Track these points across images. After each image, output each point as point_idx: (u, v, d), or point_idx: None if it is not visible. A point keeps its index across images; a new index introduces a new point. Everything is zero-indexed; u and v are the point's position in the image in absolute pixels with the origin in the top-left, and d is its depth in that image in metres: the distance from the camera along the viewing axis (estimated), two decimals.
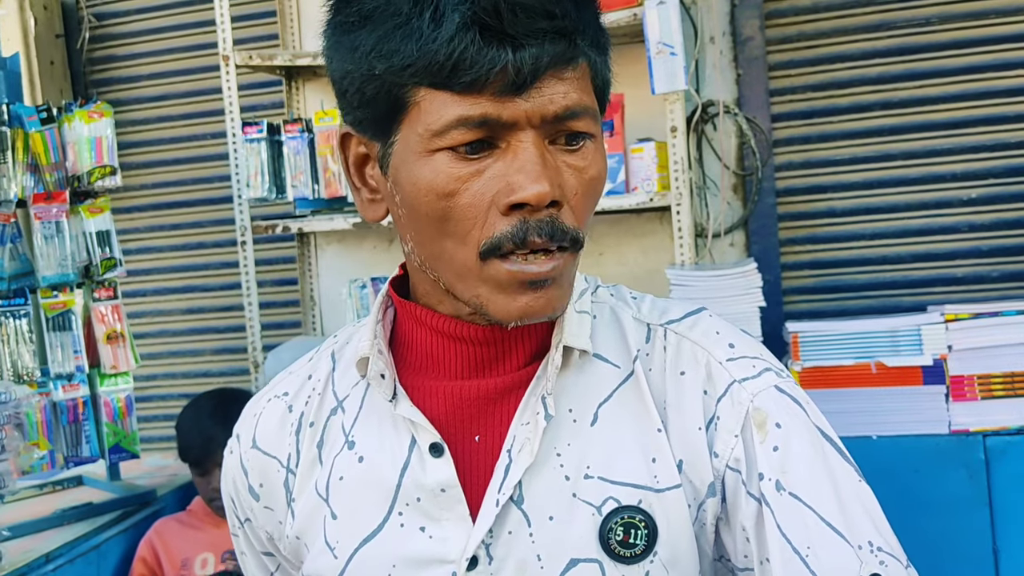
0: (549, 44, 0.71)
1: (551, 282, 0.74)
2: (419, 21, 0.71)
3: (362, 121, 0.79)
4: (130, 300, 3.30)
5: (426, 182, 0.74)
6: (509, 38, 0.70)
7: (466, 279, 0.75)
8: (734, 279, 2.25)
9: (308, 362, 0.94)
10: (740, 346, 0.83)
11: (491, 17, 0.69)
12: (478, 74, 0.70)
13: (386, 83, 0.74)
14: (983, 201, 2.67)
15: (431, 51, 0.70)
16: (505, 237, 0.72)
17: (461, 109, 0.71)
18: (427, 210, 0.75)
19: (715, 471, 0.79)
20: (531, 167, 0.72)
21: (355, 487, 0.83)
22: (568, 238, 0.74)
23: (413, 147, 0.74)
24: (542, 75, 0.71)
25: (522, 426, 0.79)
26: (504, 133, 0.73)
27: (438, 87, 0.72)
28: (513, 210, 0.72)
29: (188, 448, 2.21)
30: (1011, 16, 2.62)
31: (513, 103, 0.71)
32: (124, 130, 3.30)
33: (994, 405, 2.07)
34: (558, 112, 0.73)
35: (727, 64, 2.79)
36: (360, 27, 0.74)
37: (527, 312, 0.75)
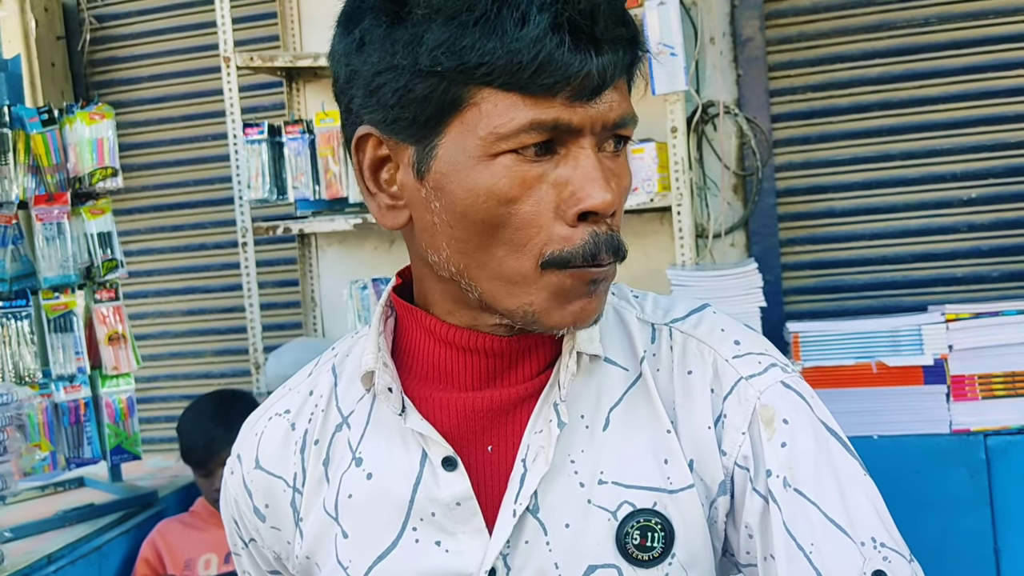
0: (624, 51, 0.71)
1: (601, 286, 0.75)
2: (500, 18, 0.68)
3: (396, 121, 0.74)
4: (131, 301, 3.30)
5: (486, 187, 0.71)
6: (595, 43, 0.69)
7: (518, 287, 0.73)
8: (735, 279, 2.25)
9: (308, 377, 0.91)
10: (746, 342, 0.83)
11: (585, 20, 0.68)
12: (562, 77, 0.68)
13: (445, 80, 0.70)
14: (983, 201, 2.67)
15: (515, 50, 0.67)
16: (576, 254, 0.71)
17: (534, 112, 0.69)
18: (483, 216, 0.72)
19: (725, 469, 0.79)
20: (597, 174, 0.71)
21: (365, 504, 0.81)
22: (623, 252, 0.74)
23: (469, 150, 0.71)
24: (613, 83, 0.71)
25: (535, 434, 0.78)
26: (567, 139, 0.71)
27: (509, 88, 0.69)
28: (581, 220, 0.72)
29: (190, 450, 2.21)
30: (1011, 16, 2.63)
31: (583, 108, 0.70)
32: (125, 132, 3.30)
33: (995, 405, 2.07)
34: (616, 120, 0.72)
35: (727, 65, 2.79)
36: (425, 21, 0.70)
37: (579, 318, 0.74)
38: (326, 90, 2.95)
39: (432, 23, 0.70)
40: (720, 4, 2.78)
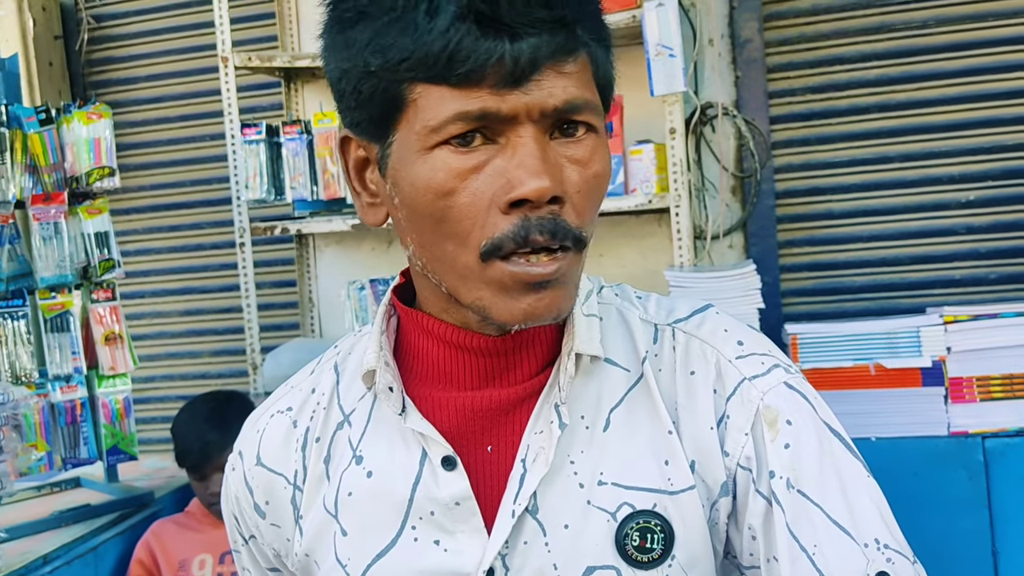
0: (548, 34, 0.69)
1: (555, 283, 0.72)
2: (414, 14, 0.69)
3: (360, 123, 0.77)
4: (128, 302, 3.29)
5: (424, 181, 0.72)
6: (506, 28, 0.68)
7: (468, 282, 0.74)
8: (733, 281, 2.25)
9: (310, 375, 0.91)
10: (749, 343, 0.82)
11: (488, 8, 0.68)
12: (474, 65, 0.68)
13: (382, 80, 0.72)
14: (981, 203, 2.67)
15: (426, 43, 0.69)
16: (506, 237, 0.70)
17: (459, 104, 0.70)
18: (426, 210, 0.73)
19: (727, 470, 0.78)
20: (531, 162, 0.70)
21: (365, 502, 0.81)
22: (571, 237, 0.72)
23: (411, 146, 0.73)
24: (542, 67, 0.70)
25: (536, 435, 0.78)
26: (503, 128, 0.71)
27: (434, 81, 0.70)
28: (514, 208, 0.70)
29: (185, 453, 2.20)
30: (1009, 19, 2.63)
31: (512, 96, 0.70)
32: (123, 131, 3.30)
33: (993, 407, 2.07)
34: (558, 105, 0.71)
35: (726, 66, 2.79)
36: (355, 23, 0.73)
37: (530, 315, 0.73)
38: (324, 90, 2.95)
39: (358, 25, 0.72)
40: (719, 6, 2.78)
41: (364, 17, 0.72)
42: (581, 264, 0.76)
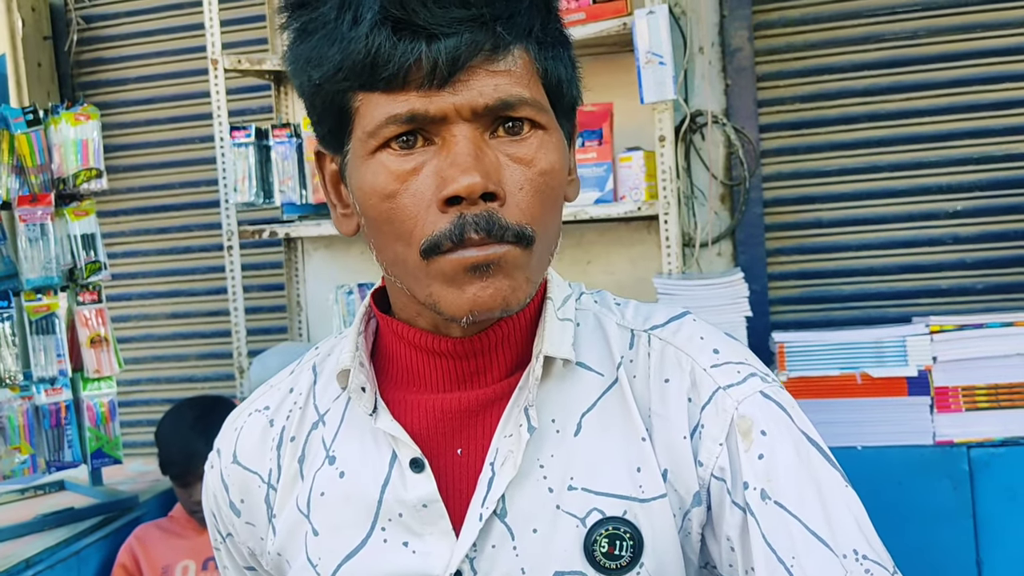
0: (468, 33, 0.70)
1: (495, 268, 0.73)
2: (341, 25, 0.72)
3: (324, 136, 0.80)
4: (115, 304, 3.28)
5: (369, 185, 0.74)
6: (423, 30, 0.70)
7: (418, 280, 0.75)
8: (721, 289, 2.25)
9: (289, 375, 0.92)
10: (725, 351, 0.82)
11: (400, 11, 0.70)
12: (396, 69, 0.70)
13: (328, 92, 0.75)
14: (969, 214, 2.68)
15: (352, 51, 0.71)
16: (443, 235, 0.72)
17: (389, 107, 0.72)
18: (374, 214, 0.75)
19: (700, 480, 0.78)
20: (462, 159, 0.71)
21: (336, 503, 0.82)
22: (510, 233, 0.72)
23: (358, 152, 0.75)
24: (467, 67, 0.71)
25: (505, 438, 0.78)
26: (437, 129, 0.73)
27: (367, 88, 0.73)
28: (450, 206, 0.72)
29: (169, 462, 2.18)
30: (998, 30, 2.64)
31: (440, 96, 0.71)
32: (111, 133, 3.29)
33: (978, 416, 2.08)
34: (489, 104, 0.72)
35: (716, 74, 2.80)
36: (301, 41, 0.76)
37: (476, 303, 0.73)
38: None
39: (304, 42, 0.75)
40: (709, 14, 2.79)
41: (305, 34, 0.75)
42: (532, 260, 0.75)
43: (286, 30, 0.78)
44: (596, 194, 2.48)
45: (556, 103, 0.78)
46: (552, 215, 0.77)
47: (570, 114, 0.82)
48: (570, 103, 0.81)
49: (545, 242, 0.77)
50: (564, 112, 0.80)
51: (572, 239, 2.81)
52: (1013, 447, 2.05)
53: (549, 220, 0.77)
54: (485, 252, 0.72)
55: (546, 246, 0.78)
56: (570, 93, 0.80)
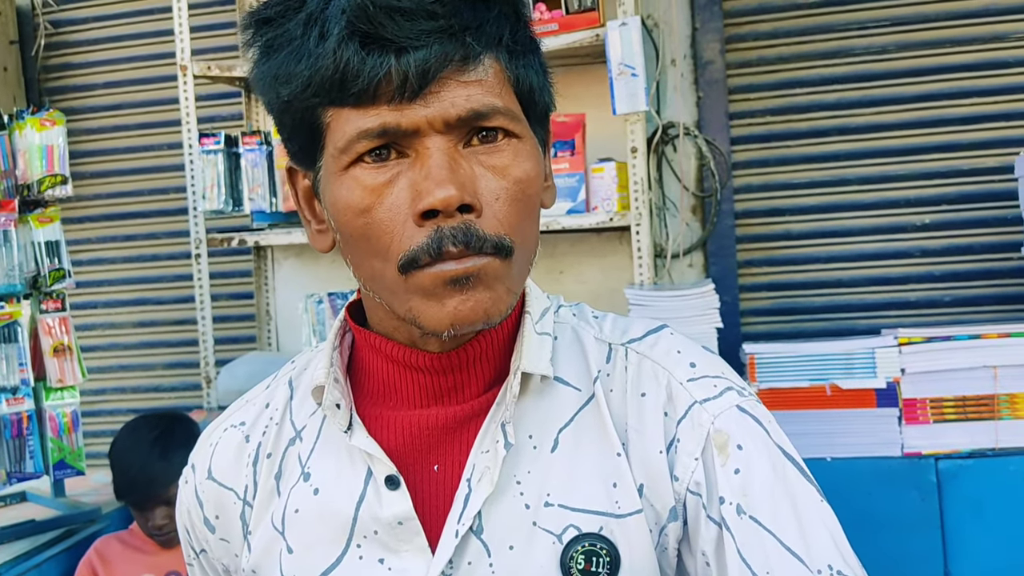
0: (437, 45, 0.70)
1: (475, 281, 0.72)
2: (308, 40, 0.71)
3: (295, 153, 0.79)
4: (80, 312, 3.23)
5: (344, 200, 0.73)
6: (391, 43, 0.69)
7: (397, 295, 0.74)
8: (692, 300, 2.26)
9: (265, 390, 0.91)
10: (701, 365, 0.81)
11: (367, 25, 0.69)
12: (366, 83, 0.69)
13: (297, 109, 0.74)
14: (936, 227, 2.71)
15: (320, 67, 0.70)
16: (421, 250, 0.71)
17: (361, 122, 0.71)
18: (350, 229, 0.74)
19: (676, 495, 0.77)
20: (437, 172, 0.70)
21: (311, 520, 0.81)
22: (488, 244, 0.72)
23: (331, 168, 0.74)
24: (437, 78, 0.70)
25: (482, 454, 0.78)
26: (411, 142, 0.72)
27: (337, 103, 0.72)
28: (426, 219, 0.71)
29: (126, 488, 2.05)
30: (965, 45, 2.68)
31: (411, 109, 0.70)
32: (78, 139, 3.25)
33: (946, 428, 2.09)
34: (461, 115, 0.71)
35: (688, 86, 2.81)
36: (267, 58, 0.75)
37: (457, 317, 0.72)
38: None
39: (270, 59, 0.74)
40: (682, 26, 2.80)
41: (271, 51, 0.74)
42: (513, 271, 0.75)
43: (251, 47, 0.77)
44: (568, 204, 2.48)
45: (529, 110, 0.78)
46: (530, 223, 0.76)
47: (543, 121, 0.81)
48: (543, 110, 0.80)
49: (524, 251, 0.76)
50: (537, 119, 0.79)
51: (545, 249, 2.81)
52: (980, 459, 2.07)
53: (527, 229, 0.76)
54: (464, 265, 0.71)
55: (525, 255, 0.77)
56: (543, 100, 0.79)
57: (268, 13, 0.76)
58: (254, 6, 0.78)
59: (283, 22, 0.74)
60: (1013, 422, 2.07)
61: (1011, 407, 2.07)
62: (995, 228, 2.66)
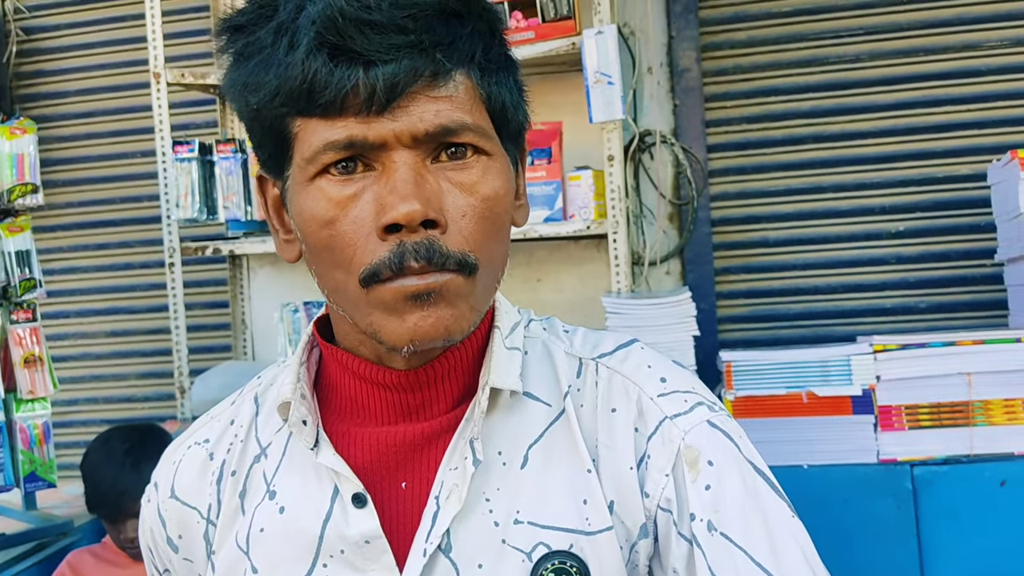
0: (407, 60, 0.69)
1: (436, 297, 0.71)
2: (277, 50, 0.70)
3: (264, 161, 0.78)
4: (52, 322, 3.20)
5: (309, 211, 0.73)
6: (360, 56, 0.69)
7: (359, 308, 0.73)
8: (669, 308, 2.25)
9: (230, 406, 0.89)
10: (672, 380, 0.81)
11: (336, 37, 0.68)
12: (333, 95, 0.69)
13: (266, 118, 0.73)
14: (911, 234, 2.73)
15: (288, 77, 0.70)
16: (383, 264, 0.70)
17: (328, 133, 0.71)
18: (314, 241, 0.73)
19: (647, 511, 0.76)
20: (402, 186, 0.70)
21: (276, 539, 0.79)
22: (451, 261, 0.71)
23: (298, 178, 0.74)
24: (406, 93, 0.70)
25: (450, 471, 0.76)
26: (377, 155, 0.71)
27: (305, 114, 0.71)
28: (390, 233, 0.70)
29: (98, 501, 2.04)
30: (938, 54, 2.70)
31: (379, 123, 0.70)
32: (51, 147, 3.21)
33: (921, 435, 2.10)
34: (429, 130, 0.71)
35: (664, 94, 2.82)
36: (237, 66, 0.75)
37: (417, 334, 0.71)
38: None
39: (240, 67, 0.74)
40: (658, 35, 2.81)
41: (242, 58, 0.74)
42: (477, 288, 0.74)
43: (224, 54, 0.76)
44: (545, 212, 2.48)
45: (501, 128, 0.77)
46: (496, 242, 0.75)
47: (517, 139, 0.80)
48: (516, 128, 0.79)
49: (490, 269, 0.75)
50: (510, 136, 0.79)
51: (522, 257, 2.80)
52: (955, 465, 2.07)
53: (493, 247, 0.75)
54: (426, 281, 0.70)
55: (491, 273, 0.76)
56: (516, 118, 0.79)
57: (240, 20, 0.75)
58: (228, 13, 0.78)
59: (254, 30, 0.74)
60: (987, 428, 2.08)
61: (985, 413, 2.08)
62: (969, 235, 2.68)
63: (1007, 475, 2.04)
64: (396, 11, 0.69)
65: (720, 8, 2.82)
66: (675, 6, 2.80)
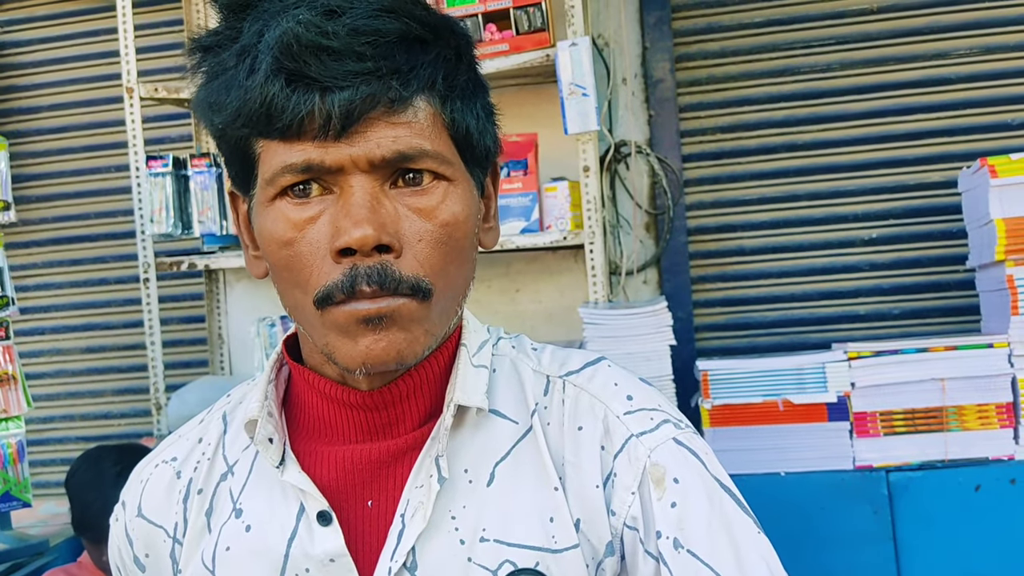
0: (364, 86, 0.70)
1: (388, 321, 0.72)
2: (239, 72, 0.72)
3: (233, 178, 0.79)
4: (26, 339, 3.17)
5: (268, 231, 0.74)
6: (316, 82, 0.69)
7: (315, 329, 0.74)
8: (646, 317, 2.26)
9: (199, 424, 0.89)
10: (638, 398, 0.81)
11: (293, 63, 0.69)
12: (290, 120, 0.70)
13: (231, 137, 0.75)
14: (884, 241, 2.75)
15: (248, 100, 0.71)
16: (335, 287, 0.71)
17: (286, 156, 0.71)
18: (274, 260, 0.75)
19: (613, 529, 0.77)
20: (356, 211, 0.70)
21: (242, 558, 0.79)
22: (404, 286, 0.71)
23: (259, 198, 0.75)
24: (364, 119, 0.70)
25: (416, 489, 0.76)
26: (335, 179, 0.72)
27: (266, 136, 0.72)
28: (343, 256, 0.71)
29: (88, 524, 2.02)
30: (909, 63, 2.73)
31: (336, 148, 0.71)
32: (23, 162, 3.19)
33: (896, 441, 2.12)
34: (386, 156, 0.71)
35: (639, 105, 2.83)
36: (204, 85, 0.76)
37: (369, 357, 0.72)
38: None
39: (206, 86, 0.75)
40: (632, 46, 2.83)
41: (209, 78, 0.75)
42: (432, 313, 0.74)
43: (194, 73, 0.77)
44: (522, 224, 2.48)
45: (465, 152, 0.77)
46: (456, 267, 0.76)
47: (484, 162, 0.81)
48: (483, 152, 0.80)
49: (447, 294, 0.76)
50: (476, 161, 0.79)
51: (500, 268, 2.80)
52: (930, 471, 2.09)
53: (452, 271, 0.75)
54: (377, 305, 0.71)
55: (449, 298, 0.76)
56: (482, 142, 0.79)
57: (208, 41, 0.76)
58: (199, 32, 0.78)
59: (220, 51, 0.75)
60: (961, 434, 2.10)
61: (959, 419, 2.10)
62: (941, 241, 2.71)
63: (982, 480, 2.06)
64: (355, 38, 0.70)
65: (693, 19, 2.85)
66: (648, 17, 2.82)
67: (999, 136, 2.68)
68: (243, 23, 0.74)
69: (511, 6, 2.44)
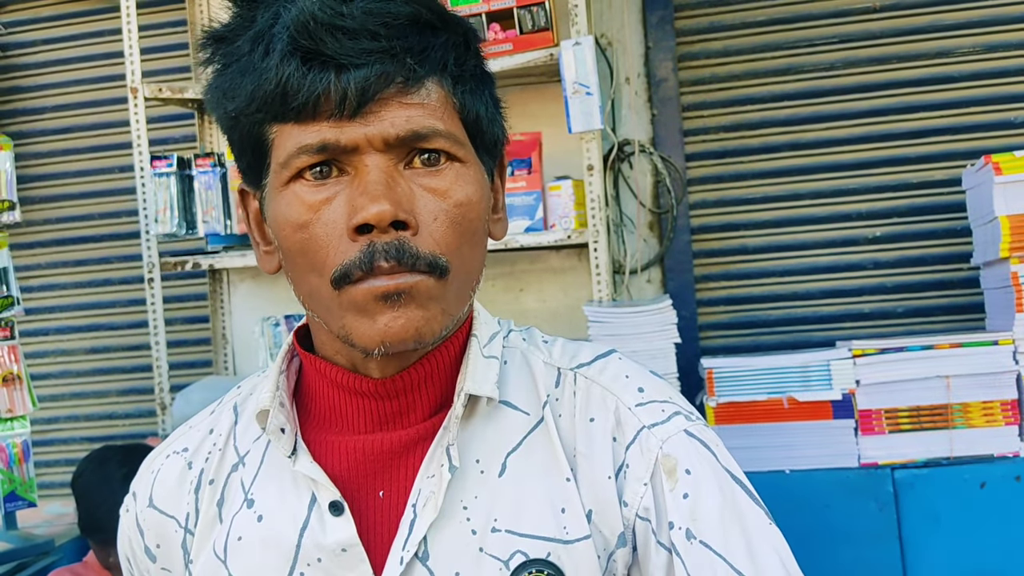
0: (378, 65, 0.70)
1: (407, 298, 0.72)
2: (252, 56, 0.72)
3: (245, 172, 0.79)
4: (31, 339, 3.17)
5: (283, 216, 0.74)
6: (332, 61, 0.70)
7: (331, 312, 0.74)
8: (650, 316, 2.26)
9: (210, 415, 0.90)
10: (649, 390, 0.81)
11: (309, 41, 0.70)
12: (305, 100, 0.70)
13: (244, 125, 0.75)
14: (887, 239, 2.75)
15: (263, 82, 0.71)
16: (353, 264, 0.71)
17: (301, 137, 0.72)
18: (289, 245, 0.74)
19: (625, 520, 0.77)
20: (373, 188, 0.71)
21: (254, 548, 0.79)
22: (421, 262, 0.72)
23: (274, 185, 0.75)
24: (378, 98, 0.71)
25: (427, 479, 0.77)
26: (350, 159, 0.73)
27: (280, 119, 0.73)
28: (360, 234, 0.71)
29: (96, 525, 2.01)
30: (911, 61, 2.73)
31: (351, 127, 0.71)
32: (28, 163, 3.19)
33: (901, 438, 2.12)
34: (400, 135, 0.72)
35: (642, 104, 2.84)
36: (218, 74, 0.76)
37: (388, 335, 0.72)
38: None
39: (220, 75, 0.76)
40: (635, 45, 2.83)
41: (222, 67, 0.76)
42: (448, 292, 0.75)
43: (207, 65, 0.78)
44: (526, 222, 2.48)
45: (476, 138, 0.78)
46: (470, 248, 0.76)
47: (493, 151, 0.81)
48: (492, 140, 0.80)
49: (463, 274, 0.76)
50: (486, 148, 0.80)
51: (504, 267, 2.81)
52: (935, 468, 2.09)
53: (467, 252, 0.76)
54: (396, 281, 0.71)
55: (464, 279, 0.77)
56: (491, 130, 0.80)
57: (222, 31, 0.77)
58: (206, 27, 0.79)
59: (234, 39, 0.75)
60: (967, 431, 2.10)
61: (964, 416, 2.10)
62: (945, 239, 2.71)
63: (987, 477, 2.06)
64: (369, 18, 0.71)
65: (696, 18, 2.85)
66: (652, 17, 2.82)
67: (1002, 134, 2.68)
68: (256, 12, 0.75)
69: (515, 6, 2.45)
